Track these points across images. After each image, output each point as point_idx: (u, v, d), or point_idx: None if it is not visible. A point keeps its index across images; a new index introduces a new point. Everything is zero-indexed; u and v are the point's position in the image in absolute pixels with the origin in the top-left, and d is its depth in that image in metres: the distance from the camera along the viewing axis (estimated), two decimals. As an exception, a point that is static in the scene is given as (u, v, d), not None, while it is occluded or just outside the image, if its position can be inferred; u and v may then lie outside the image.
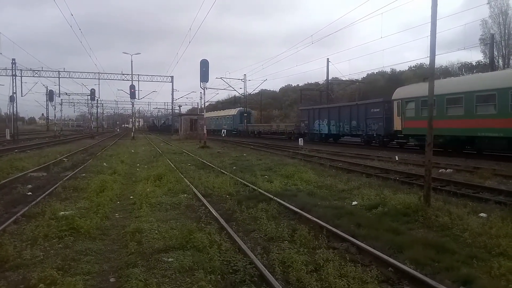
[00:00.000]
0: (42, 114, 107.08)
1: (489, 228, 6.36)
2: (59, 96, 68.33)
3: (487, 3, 50.14)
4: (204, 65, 30.70)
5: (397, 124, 24.81)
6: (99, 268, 5.23)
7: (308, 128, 36.88)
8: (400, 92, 25.30)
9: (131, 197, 10.04)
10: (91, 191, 10.05)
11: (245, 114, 56.96)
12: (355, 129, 30.20)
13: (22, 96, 55.05)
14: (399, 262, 5.06)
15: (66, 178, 12.79)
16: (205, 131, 33.86)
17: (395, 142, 27.07)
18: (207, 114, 70.37)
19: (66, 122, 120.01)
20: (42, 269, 4.93)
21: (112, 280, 4.87)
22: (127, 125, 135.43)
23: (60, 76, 57.80)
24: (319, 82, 67.08)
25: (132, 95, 50.91)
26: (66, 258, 5.48)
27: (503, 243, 5.63)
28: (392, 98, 25.53)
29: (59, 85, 59.93)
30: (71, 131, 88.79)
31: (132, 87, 50.83)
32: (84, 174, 13.86)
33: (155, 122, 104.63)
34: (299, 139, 33.13)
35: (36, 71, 54.93)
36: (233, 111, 60.35)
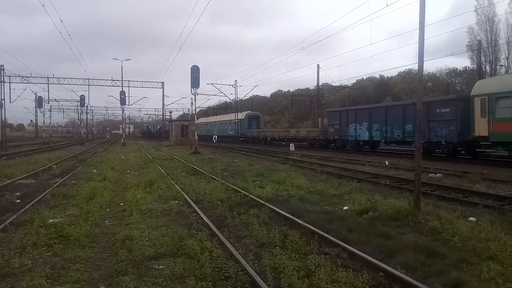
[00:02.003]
0: (31, 121, 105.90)
1: (478, 232, 6.42)
2: (48, 103, 67.89)
3: (474, 11, 51.08)
4: (195, 71, 30.69)
5: (481, 128, 18.48)
6: (89, 276, 5.17)
7: (339, 134, 30.75)
8: (486, 86, 19.12)
9: (121, 204, 9.96)
10: (80, 198, 9.96)
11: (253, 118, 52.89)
12: (411, 134, 23.51)
13: (10, 102, 54.55)
14: (390, 266, 5.08)
15: (55, 185, 12.65)
16: (196, 137, 33.74)
17: (463, 151, 21.29)
18: (208, 119, 68.52)
19: (55, 128, 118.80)
20: (31, 277, 4.87)
21: (102, 288, 4.82)
22: (118, 131, 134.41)
23: (49, 82, 57.34)
24: (310, 88, 67.42)
25: (122, 101, 50.62)
26: (55, 266, 5.41)
27: (492, 247, 5.69)
28: (472, 93, 19.38)
29: (48, 91, 59.46)
30: (60, 138, 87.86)
31: (122, 93, 50.55)
32: (73, 181, 13.73)
33: (149, 127, 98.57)
34: (290, 144, 33.02)
35: (25, 77, 54.46)
36: (240, 115, 54.14)
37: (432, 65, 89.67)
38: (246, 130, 51.23)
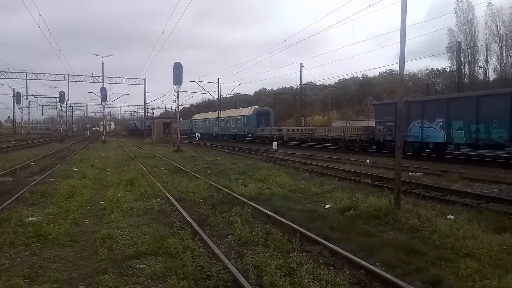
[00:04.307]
0: (9, 117, 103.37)
1: (457, 230, 6.55)
2: (27, 99, 66.23)
3: (454, 13, 52.17)
4: (178, 68, 30.44)
5: None
6: (68, 275, 5.08)
7: (395, 133, 20.22)
8: None
9: (102, 202, 9.81)
10: (59, 197, 9.77)
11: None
12: None
13: (-13, 98, 53.18)
14: (370, 264, 5.15)
15: (33, 183, 12.37)
16: (178, 135, 33.49)
17: None
18: (206, 115, 62.30)
19: (34, 125, 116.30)
20: (8, 277, 4.75)
21: (81, 287, 4.74)
22: (98, 128, 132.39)
23: (28, 77, 56.06)
24: (293, 87, 67.73)
25: (103, 98, 49.82)
26: (33, 265, 5.30)
27: (469, 244, 5.82)
28: None
29: (26, 87, 58.16)
30: (39, 135, 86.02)
31: (103, 89, 49.76)
32: (52, 179, 13.46)
33: (137, 124, 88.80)
34: (274, 143, 32.53)
35: (2, 73, 53.10)
36: (246, 111, 47.06)
37: (413, 66, 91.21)
38: (254, 128, 43.74)
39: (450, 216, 7.73)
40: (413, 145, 22.36)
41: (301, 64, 46.45)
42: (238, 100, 76.45)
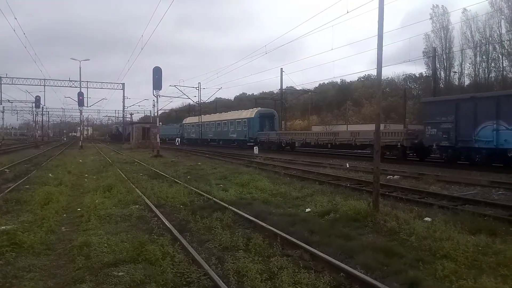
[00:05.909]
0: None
1: (434, 232, 6.68)
2: (1, 104, 64.58)
3: (430, 19, 53.48)
4: (157, 72, 30.16)
5: None
6: (44, 285, 4.95)
7: (454, 138, 18.41)
8: None
9: (79, 209, 9.61)
10: (35, 204, 9.53)
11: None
12: None
13: (-42, 103, 51.52)
14: (350, 267, 5.20)
15: (7, 190, 12.03)
16: (158, 140, 33.12)
17: None
18: (202, 118, 54.97)
19: (8, 130, 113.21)
20: (-21, 289, 4.60)
21: (57, 297, 4.63)
22: (75, 134, 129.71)
23: (2, 82, 54.68)
24: (274, 91, 68.02)
25: (80, 103, 49.01)
26: (7, 275, 5.16)
27: (446, 246, 5.94)
28: None
29: (0, 91, 56.65)
30: (14, 140, 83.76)
31: (80, 94, 48.99)
32: (27, 186, 13.13)
33: (119, 129, 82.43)
34: (255, 147, 32.38)
35: (-26, 77, 51.63)
36: (248, 113, 41.71)
37: (390, 71, 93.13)
38: (258, 133, 38.57)
39: (427, 218, 7.86)
40: (481, 153, 17.65)
41: (281, 69, 46.44)
42: (219, 105, 76.21)
